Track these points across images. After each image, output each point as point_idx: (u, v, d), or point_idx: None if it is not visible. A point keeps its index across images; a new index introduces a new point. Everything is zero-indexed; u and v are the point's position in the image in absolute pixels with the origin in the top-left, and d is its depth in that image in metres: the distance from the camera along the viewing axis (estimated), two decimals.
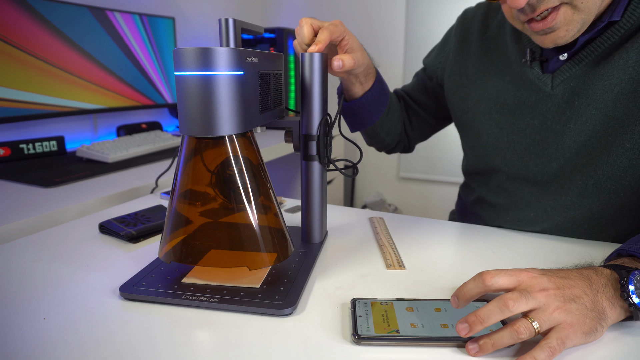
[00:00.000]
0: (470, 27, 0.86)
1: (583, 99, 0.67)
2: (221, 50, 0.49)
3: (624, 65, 0.63)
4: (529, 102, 0.73)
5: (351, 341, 0.45)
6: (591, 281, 0.45)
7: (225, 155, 0.53)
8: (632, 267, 0.46)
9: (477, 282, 0.45)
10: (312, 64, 0.62)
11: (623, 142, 0.65)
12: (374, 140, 0.93)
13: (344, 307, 0.52)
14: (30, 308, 0.51)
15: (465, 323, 0.43)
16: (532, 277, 0.44)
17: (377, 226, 0.77)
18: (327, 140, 0.65)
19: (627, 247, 0.51)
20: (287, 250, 0.57)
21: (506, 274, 0.44)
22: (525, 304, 0.42)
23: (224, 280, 0.55)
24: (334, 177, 2.24)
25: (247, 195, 0.54)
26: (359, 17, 2.35)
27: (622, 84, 0.64)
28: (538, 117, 0.72)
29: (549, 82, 0.70)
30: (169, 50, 1.80)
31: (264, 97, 0.59)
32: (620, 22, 0.63)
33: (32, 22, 1.31)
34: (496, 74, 0.78)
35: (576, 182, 0.70)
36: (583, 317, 0.42)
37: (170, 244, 0.55)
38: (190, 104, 0.50)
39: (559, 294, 0.43)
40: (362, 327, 0.46)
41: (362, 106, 0.81)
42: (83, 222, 0.79)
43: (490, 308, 0.42)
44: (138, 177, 1.12)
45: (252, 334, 0.46)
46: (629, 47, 0.63)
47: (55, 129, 1.49)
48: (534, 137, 0.73)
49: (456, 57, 0.87)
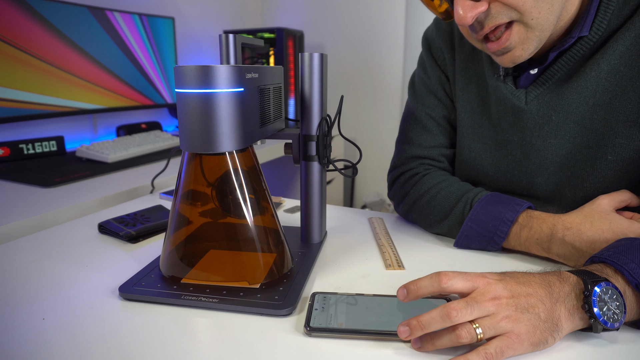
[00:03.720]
0: (444, 37, 0.80)
1: (560, 114, 0.66)
2: (221, 68, 0.49)
3: (596, 77, 0.63)
4: (507, 118, 0.71)
5: (303, 333, 0.47)
6: (552, 289, 0.44)
7: (225, 169, 0.54)
8: (601, 277, 0.45)
9: (432, 281, 0.44)
10: (312, 64, 0.62)
11: (605, 154, 0.64)
12: None
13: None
14: (30, 308, 0.51)
15: (407, 327, 0.43)
16: (488, 283, 0.43)
17: (376, 226, 0.77)
18: (326, 141, 0.65)
19: (599, 255, 0.49)
20: (283, 268, 0.58)
21: (463, 278, 0.44)
22: (470, 314, 0.41)
23: (223, 281, 0.55)
24: (334, 177, 2.24)
25: (247, 210, 0.54)
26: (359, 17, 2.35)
27: (597, 96, 0.63)
28: (517, 134, 0.71)
29: (522, 97, 0.69)
30: (168, 50, 1.80)
31: (263, 112, 0.60)
32: (588, 35, 0.62)
33: (32, 22, 1.31)
34: (477, 86, 0.76)
35: (566, 195, 0.69)
36: (533, 328, 0.42)
37: (170, 260, 0.56)
38: (190, 120, 0.51)
39: (511, 302, 0.42)
40: (315, 319, 0.47)
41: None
42: (82, 222, 0.79)
43: (433, 316, 0.42)
44: (137, 177, 1.12)
45: (251, 334, 0.47)
46: (599, 59, 0.62)
47: (54, 129, 1.49)
48: (516, 154, 0.71)
49: (454, 62, 0.80)
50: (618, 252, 0.48)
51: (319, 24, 2.44)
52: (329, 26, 2.42)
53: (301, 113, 0.64)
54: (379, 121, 2.36)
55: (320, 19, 2.44)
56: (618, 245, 0.50)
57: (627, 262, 0.46)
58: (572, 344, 0.45)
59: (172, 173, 1.10)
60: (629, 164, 0.63)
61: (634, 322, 0.47)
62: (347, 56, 2.38)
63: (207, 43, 2.16)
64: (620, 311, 0.43)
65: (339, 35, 2.39)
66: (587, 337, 0.45)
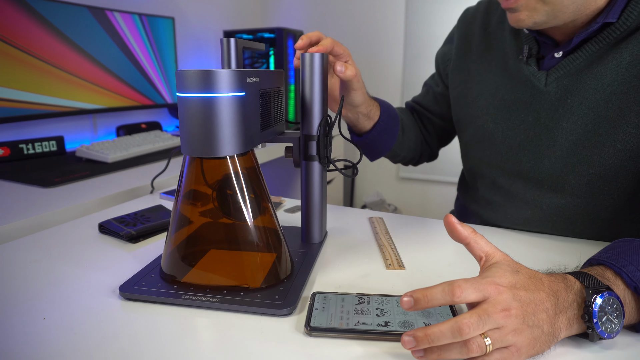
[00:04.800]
0: (471, 24, 0.87)
1: (576, 97, 0.68)
2: (223, 73, 0.49)
3: (617, 65, 0.64)
4: (524, 98, 0.74)
5: (303, 332, 0.46)
6: (558, 300, 0.43)
7: (225, 172, 0.54)
8: (603, 286, 0.44)
9: (445, 294, 0.42)
10: (313, 64, 0.62)
11: (614, 142, 0.65)
12: (396, 160, 0.94)
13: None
14: (30, 308, 0.51)
15: (412, 337, 0.41)
16: (499, 292, 0.42)
17: (376, 226, 0.77)
18: (327, 141, 0.65)
19: (597, 257, 0.49)
20: (283, 268, 0.57)
21: (475, 289, 0.42)
22: (482, 328, 0.40)
23: (224, 281, 0.55)
24: (334, 177, 2.24)
25: (247, 211, 0.54)
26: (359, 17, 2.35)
27: (615, 85, 0.64)
28: (532, 114, 0.73)
29: (543, 78, 0.71)
30: (168, 50, 1.80)
31: (264, 116, 0.60)
32: (616, 23, 0.64)
33: (32, 22, 1.31)
34: (496, 70, 0.79)
35: (570, 182, 0.70)
36: (534, 341, 0.41)
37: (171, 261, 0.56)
38: (192, 124, 0.51)
39: (519, 314, 0.41)
40: (315, 319, 0.47)
41: (374, 138, 0.80)
42: (82, 222, 0.79)
43: (443, 330, 0.40)
44: (137, 177, 1.12)
45: (251, 334, 0.47)
46: (623, 48, 0.64)
47: (54, 129, 1.49)
48: (528, 134, 0.74)
49: (458, 54, 0.87)
50: (617, 254, 0.48)
51: (319, 24, 2.44)
52: (329, 26, 2.42)
53: (302, 113, 0.64)
54: None
55: (320, 19, 2.44)
56: (616, 246, 0.50)
57: (626, 265, 0.46)
58: (570, 350, 0.44)
59: (172, 173, 1.10)
60: (637, 154, 0.64)
61: (633, 325, 0.47)
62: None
63: (207, 43, 2.16)
64: (619, 321, 0.43)
65: (339, 35, 2.39)
66: (585, 343, 0.45)
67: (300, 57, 0.63)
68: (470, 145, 0.85)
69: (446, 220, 0.49)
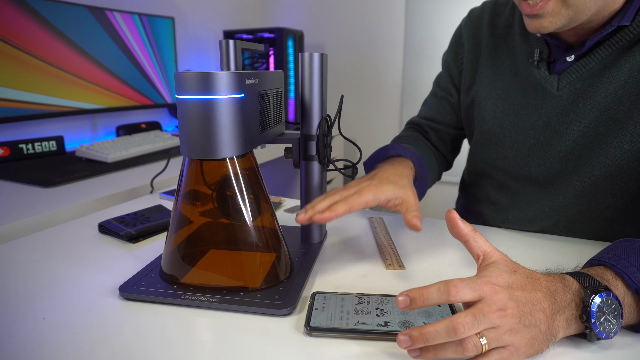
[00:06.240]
0: (478, 26, 0.85)
1: (587, 101, 0.67)
2: (222, 75, 0.49)
3: (630, 68, 0.64)
4: (534, 103, 0.73)
5: (303, 332, 0.46)
6: (555, 299, 0.43)
7: (225, 173, 0.54)
8: (602, 286, 0.44)
9: (441, 294, 0.42)
10: (312, 64, 0.62)
11: (622, 144, 0.65)
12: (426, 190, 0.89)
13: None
14: (30, 308, 0.51)
15: (408, 337, 0.41)
16: (495, 291, 0.41)
17: (376, 226, 0.77)
18: (326, 140, 0.65)
19: (598, 257, 0.49)
20: (283, 268, 0.58)
21: (471, 288, 0.42)
22: (477, 327, 0.40)
23: (224, 280, 0.55)
24: (334, 177, 2.24)
25: (246, 212, 0.55)
26: (359, 18, 2.35)
27: (626, 87, 0.64)
28: (542, 119, 0.72)
29: (555, 83, 0.70)
30: (168, 50, 1.80)
31: (264, 117, 0.60)
32: (630, 26, 0.63)
33: (32, 22, 1.31)
34: (505, 74, 0.78)
35: (574, 183, 0.70)
36: (532, 341, 0.41)
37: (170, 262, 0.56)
38: (191, 126, 0.51)
39: (516, 314, 0.41)
40: (315, 319, 0.47)
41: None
42: (82, 222, 0.79)
43: (438, 329, 0.40)
44: (137, 177, 1.12)
45: (251, 334, 0.47)
46: (636, 51, 0.63)
47: (54, 129, 1.49)
48: (538, 138, 0.73)
49: (468, 56, 0.86)
50: (618, 255, 0.47)
51: (319, 24, 2.44)
52: (329, 26, 2.42)
53: (301, 113, 0.64)
54: (379, 121, 2.36)
55: (320, 19, 2.44)
56: (618, 247, 0.49)
57: (628, 266, 0.46)
58: (568, 350, 0.44)
59: (172, 173, 1.10)
60: None
61: (632, 325, 0.47)
62: (347, 56, 2.38)
63: (207, 43, 2.16)
64: (617, 321, 0.43)
65: (339, 35, 2.39)
66: (583, 343, 0.45)
67: (300, 56, 0.63)
68: (478, 148, 0.85)
69: (448, 215, 0.49)
